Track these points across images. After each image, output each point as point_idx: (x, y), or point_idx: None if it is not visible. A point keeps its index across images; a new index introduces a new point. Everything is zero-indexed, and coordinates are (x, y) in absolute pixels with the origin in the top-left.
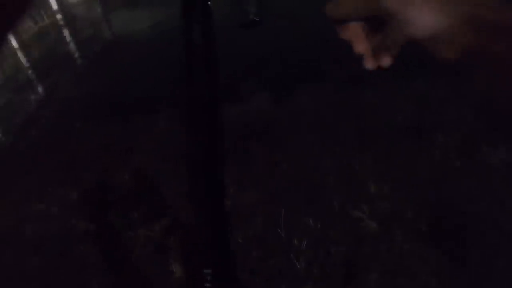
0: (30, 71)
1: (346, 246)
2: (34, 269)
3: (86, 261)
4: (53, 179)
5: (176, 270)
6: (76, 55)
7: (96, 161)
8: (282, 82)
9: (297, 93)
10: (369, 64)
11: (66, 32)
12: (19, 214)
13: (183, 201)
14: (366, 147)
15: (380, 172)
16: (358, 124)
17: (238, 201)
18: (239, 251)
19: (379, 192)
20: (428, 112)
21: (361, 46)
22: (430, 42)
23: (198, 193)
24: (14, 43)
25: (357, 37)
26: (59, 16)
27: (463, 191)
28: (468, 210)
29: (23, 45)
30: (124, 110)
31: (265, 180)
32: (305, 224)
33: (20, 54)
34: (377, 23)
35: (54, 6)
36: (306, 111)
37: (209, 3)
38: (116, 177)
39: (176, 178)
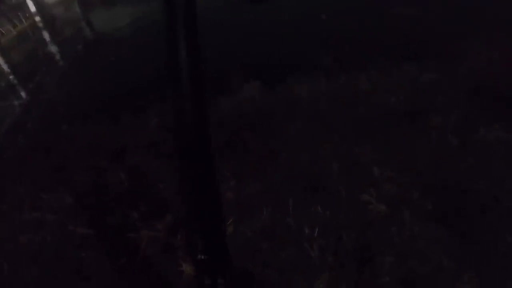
0: (11, 76)
1: (358, 230)
2: (34, 280)
3: (88, 268)
4: (45, 184)
5: (186, 269)
6: (58, 56)
7: (87, 162)
8: (273, 72)
9: (289, 82)
10: None
11: (46, 34)
12: (13, 224)
13: (184, 197)
14: (364, 133)
15: (381, 156)
16: (353, 111)
17: (241, 193)
18: (248, 244)
19: (383, 176)
20: (421, 95)
21: None
22: None
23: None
24: None
25: None
26: (37, 18)
27: (462, 170)
28: (469, 187)
29: (2, 50)
30: (111, 108)
31: (265, 171)
32: (314, 212)
33: (0, 59)
34: None
35: (32, 8)
36: (299, 100)
37: None
38: (111, 177)
39: (173, 174)
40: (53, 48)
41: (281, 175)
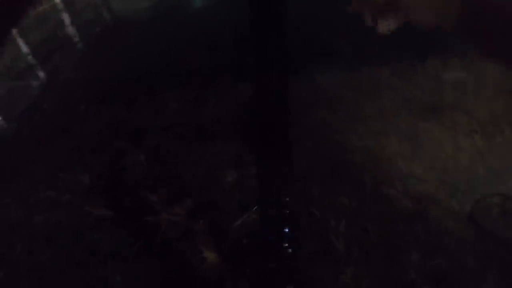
0: (30, 56)
1: (384, 224)
2: (47, 262)
3: (103, 251)
4: (61, 164)
5: (208, 255)
6: (76, 38)
7: (105, 143)
8: (292, 60)
9: (310, 71)
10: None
11: (65, 16)
12: (28, 204)
13: (203, 181)
14: (389, 126)
15: (406, 151)
16: (377, 103)
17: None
18: (272, 231)
19: (409, 171)
20: (446, 90)
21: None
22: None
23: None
24: (13, 28)
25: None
26: (58, 0)
27: (492, 171)
28: (498, 188)
29: (21, 30)
30: (128, 91)
31: (289, 159)
32: (340, 203)
33: (19, 40)
34: None
35: None
36: (321, 90)
37: None
38: (129, 159)
39: (192, 157)
40: (72, 30)
41: (307, 162)
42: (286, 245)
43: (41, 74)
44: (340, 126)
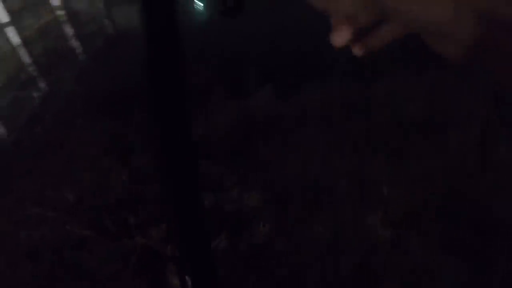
0: (31, 68)
1: (359, 255)
2: (28, 277)
3: (80, 270)
4: (51, 181)
5: (172, 282)
6: (79, 51)
7: (95, 160)
8: (285, 76)
9: (301, 87)
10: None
11: (68, 28)
12: (15, 219)
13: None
14: (377, 145)
15: (393, 173)
16: (367, 121)
17: (241, 204)
18: (241, 262)
19: (393, 196)
20: (439, 106)
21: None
22: (434, 37)
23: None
24: (16, 39)
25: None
26: (61, 12)
27: (481, 193)
28: (488, 215)
29: (25, 42)
30: (127, 107)
31: (271, 181)
32: (315, 232)
33: (22, 51)
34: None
35: (56, 1)
36: (312, 107)
37: None
38: (115, 178)
39: None
40: (74, 43)
41: (286, 187)
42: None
43: (43, 85)
44: (325, 147)
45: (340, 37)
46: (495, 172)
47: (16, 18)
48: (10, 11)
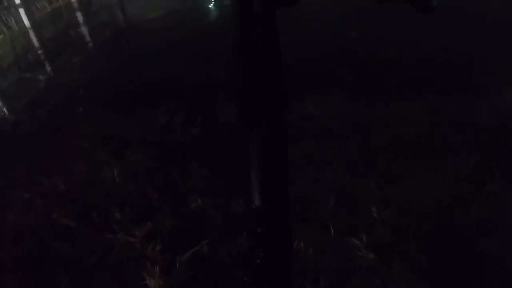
0: (40, 51)
1: (338, 275)
2: (10, 261)
3: (61, 259)
4: (44, 166)
5: (151, 285)
6: (88, 39)
7: (90, 152)
8: (288, 86)
9: (303, 98)
10: None
11: (79, 15)
12: (4, 203)
13: (170, 206)
14: (371, 165)
15: (383, 195)
16: (366, 138)
17: (224, 212)
18: (218, 272)
19: (381, 217)
20: (439, 132)
21: None
22: None
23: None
24: (26, 21)
25: None
26: None
27: (471, 225)
28: (476, 247)
29: (35, 25)
30: (127, 100)
31: None
32: (296, 249)
33: (32, 33)
34: None
35: None
36: (312, 118)
37: None
38: (106, 172)
39: (167, 180)
40: (84, 30)
41: None
42: None
43: (49, 69)
44: (319, 161)
45: None
46: (487, 204)
47: (29, 0)
48: None
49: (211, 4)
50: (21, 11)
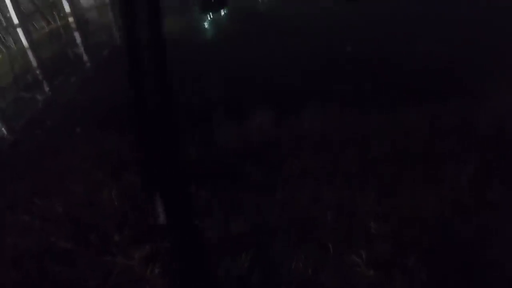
0: (38, 71)
1: None
2: (10, 284)
3: (60, 282)
4: (43, 189)
5: None
6: (85, 59)
7: (88, 173)
8: (285, 100)
9: (301, 111)
10: None
11: (77, 35)
12: (3, 225)
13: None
14: (370, 178)
15: (382, 208)
16: (364, 151)
17: (225, 232)
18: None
19: (381, 232)
20: (437, 142)
21: None
22: None
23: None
24: (25, 41)
25: None
26: (71, 19)
27: (472, 235)
28: (477, 258)
29: (33, 44)
30: (125, 121)
31: (258, 208)
32: (295, 267)
33: (30, 53)
34: None
35: (67, 8)
36: (309, 133)
37: None
38: (104, 193)
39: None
40: (82, 51)
41: (273, 216)
42: None
43: (47, 89)
44: (318, 176)
45: None
46: (487, 213)
47: (27, 20)
48: (22, 13)
49: (206, 23)
50: (19, 31)
